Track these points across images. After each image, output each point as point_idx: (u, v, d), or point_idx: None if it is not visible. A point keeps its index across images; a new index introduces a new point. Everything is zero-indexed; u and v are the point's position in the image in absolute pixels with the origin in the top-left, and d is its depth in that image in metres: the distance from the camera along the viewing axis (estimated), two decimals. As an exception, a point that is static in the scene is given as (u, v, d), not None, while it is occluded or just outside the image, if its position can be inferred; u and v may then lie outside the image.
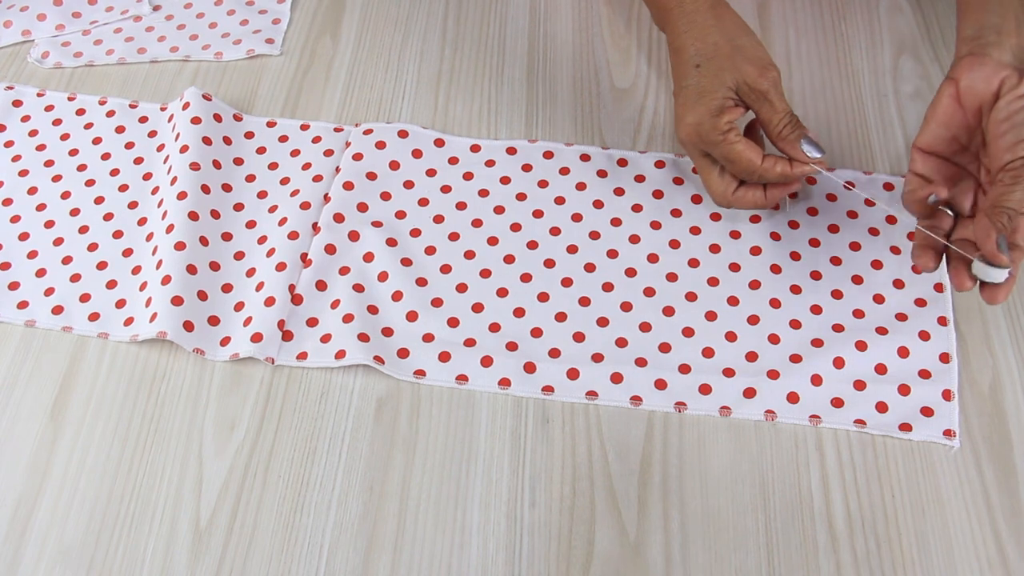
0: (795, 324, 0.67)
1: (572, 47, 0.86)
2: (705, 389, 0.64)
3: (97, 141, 0.78)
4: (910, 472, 0.61)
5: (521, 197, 0.74)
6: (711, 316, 0.67)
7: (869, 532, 0.58)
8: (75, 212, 0.74)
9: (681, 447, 0.62)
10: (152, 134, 0.79)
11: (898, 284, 0.69)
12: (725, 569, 0.57)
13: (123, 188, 0.75)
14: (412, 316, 0.68)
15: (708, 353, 0.66)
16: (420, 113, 0.80)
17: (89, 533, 0.59)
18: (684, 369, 0.65)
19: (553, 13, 0.88)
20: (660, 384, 0.64)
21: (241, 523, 0.59)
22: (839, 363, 0.65)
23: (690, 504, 0.60)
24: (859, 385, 0.64)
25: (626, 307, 0.68)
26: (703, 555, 0.58)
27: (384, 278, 0.69)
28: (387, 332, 0.67)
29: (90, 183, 0.75)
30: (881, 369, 0.64)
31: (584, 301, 0.68)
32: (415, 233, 0.72)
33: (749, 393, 0.64)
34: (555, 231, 0.72)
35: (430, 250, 0.71)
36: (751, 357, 0.65)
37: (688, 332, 0.67)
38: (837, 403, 0.63)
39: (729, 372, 0.65)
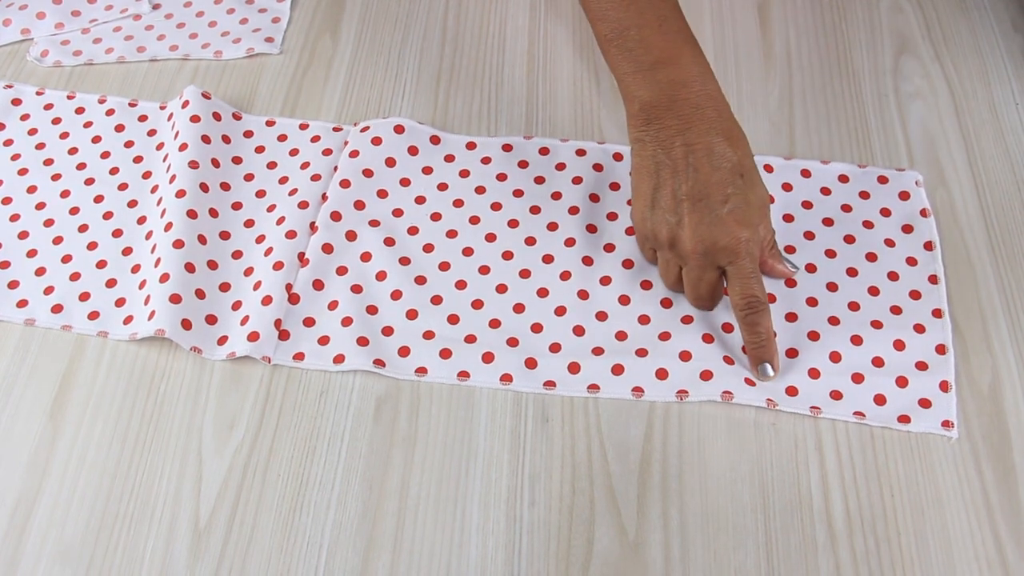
0: (791, 317, 0.67)
1: (572, 45, 0.85)
2: (706, 375, 0.64)
3: (96, 140, 0.78)
4: (909, 471, 0.61)
5: (518, 193, 0.74)
6: None
7: (868, 531, 0.58)
8: (74, 211, 0.73)
9: (680, 446, 0.62)
10: (151, 133, 0.79)
11: (892, 276, 0.69)
12: (724, 568, 0.57)
13: (122, 187, 0.75)
14: (412, 314, 0.68)
15: (708, 339, 0.66)
16: (420, 111, 0.80)
17: (88, 532, 0.59)
18: (684, 356, 0.65)
19: (553, 12, 0.88)
20: (661, 374, 0.64)
21: (240, 522, 0.59)
22: (835, 357, 0.65)
23: (689, 503, 0.60)
24: (857, 378, 0.64)
25: (624, 300, 0.68)
26: (702, 554, 0.58)
27: (383, 277, 0.69)
28: (387, 331, 0.67)
29: (89, 182, 0.75)
30: (878, 362, 0.65)
31: (583, 295, 0.68)
32: (413, 231, 0.72)
33: (749, 383, 0.64)
34: (552, 226, 0.72)
35: (428, 248, 0.71)
36: (749, 351, 0.66)
37: (687, 320, 0.67)
38: (836, 396, 0.63)
39: (729, 360, 0.65)
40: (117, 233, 0.72)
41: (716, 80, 0.64)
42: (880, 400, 0.63)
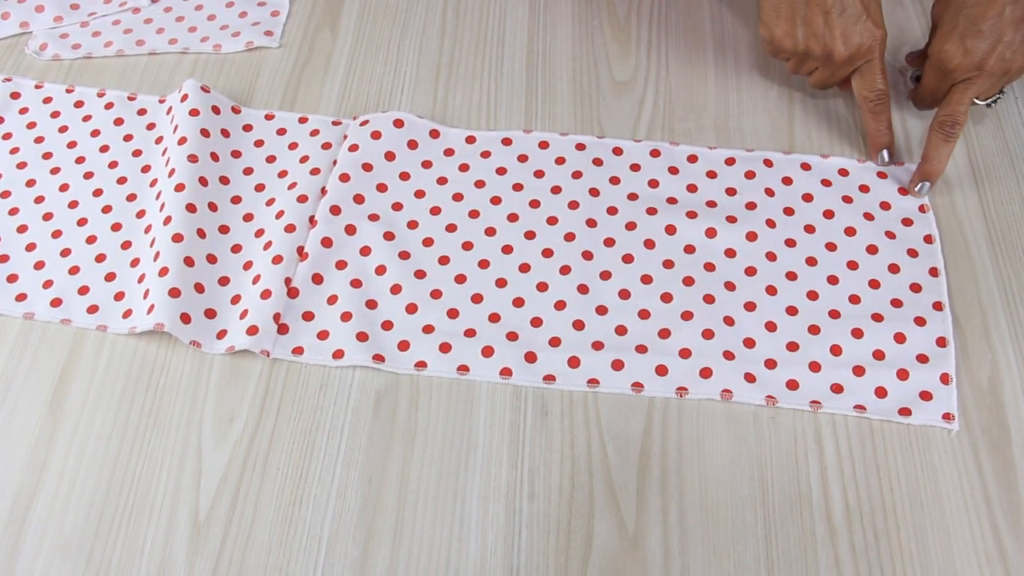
0: (792, 311, 0.67)
1: (572, 39, 0.85)
2: (706, 373, 0.64)
3: (95, 133, 0.78)
4: (909, 465, 0.61)
5: (518, 187, 0.74)
6: (709, 299, 0.67)
7: (867, 525, 0.58)
8: (73, 204, 0.73)
9: (680, 440, 0.62)
10: (151, 126, 0.78)
11: (893, 269, 0.69)
12: (724, 562, 0.57)
13: (121, 180, 0.75)
14: (412, 308, 0.68)
15: (708, 335, 0.66)
16: (419, 105, 0.80)
17: (88, 525, 0.59)
18: (684, 353, 0.65)
19: (553, 5, 0.88)
20: (661, 370, 0.64)
21: (240, 515, 0.59)
22: (836, 351, 0.65)
23: (689, 497, 0.60)
24: (858, 371, 0.64)
25: (624, 295, 0.68)
26: (702, 548, 0.58)
27: (382, 271, 0.69)
28: (387, 326, 0.67)
29: (88, 175, 0.75)
30: (879, 355, 0.65)
31: (583, 289, 0.68)
32: (412, 225, 0.72)
33: (749, 378, 0.64)
34: (552, 220, 0.72)
35: (428, 242, 0.71)
36: (749, 343, 0.65)
37: (687, 315, 0.67)
38: (837, 389, 0.63)
39: (729, 355, 0.65)
40: (116, 227, 0.72)
41: None
42: (881, 393, 0.63)
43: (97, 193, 0.74)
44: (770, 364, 0.64)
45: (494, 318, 0.67)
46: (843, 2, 0.70)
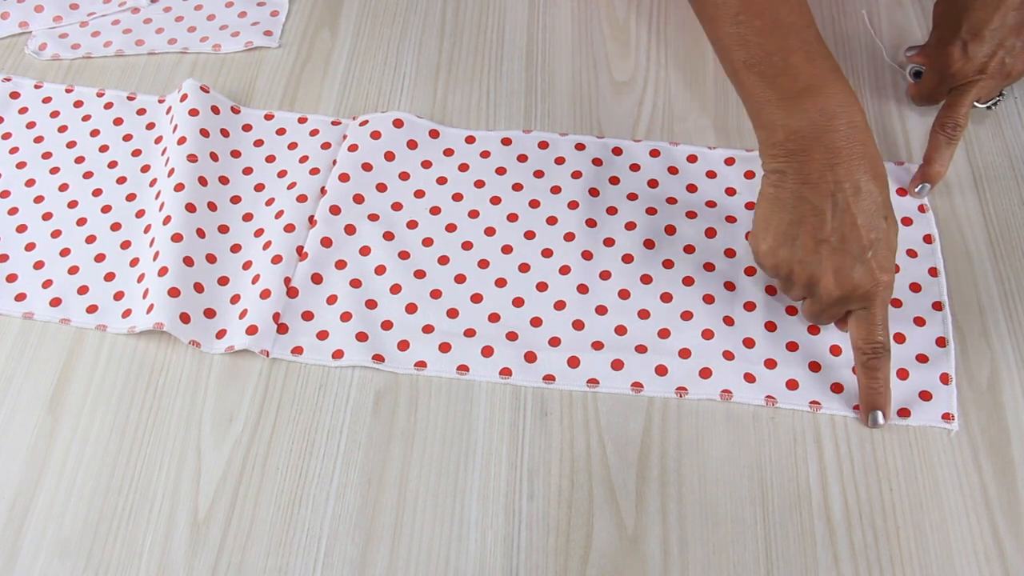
0: (791, 311, 0.67)
1: (571, 40, 0.85)
2: (705, 373, 0.64)
3: (95, 133, 0.78)
4: (908, 465, 0.61)
5: (517, 187, 0.74)
6: (709, 299, 0.67)
7: (867, 525, 0.58)
8: (73, 204, 0.73)
9: (679, 440, 0.62)
10: (150, 126, 0.78)
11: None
12: (723, 561, 0.57)
13: (121, 180, 0.75)
14: (411, 308, 0.68)
15: (708, 335, 0.66)
16: (419, 106, 0.80)
17: (87, 525, 0.59)
18: (684, 353, 0.65)
19: (552, 5, 0.88)
20: (660, 370, 0.64)
21: (239, 515, 0.59)
22: (836, 351, 0.65)
23: (688, 497, 0.60)
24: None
25: (624, 295, 0.68)
26: (701, 548, 0.58)
27: (382, 271, 0.69)
28: (386, 325, 0.67)
29: (88, 175, 0.75)
30: None
31: (582, 289, 0.68)
32: (412, 225, 0.72)
33: (749, 378, 0.64)
34: (552, 220, 0.72)
35: (427, 242, 0.71)
36: (748, 343, 0.65)
37: (687, 316, 0.67)
38: (836, 389, 0.63)
39: (728, 355, 0.65)
40: (116, 227, 0.72)
41: (863, 110, 0.61)
42: (880, 392, 0.63)
43: (96, 193, 0.74)
44: (770, 364, 0.64)
45: (494, 318, 0.67)
46: (844, 235, 0.59)
